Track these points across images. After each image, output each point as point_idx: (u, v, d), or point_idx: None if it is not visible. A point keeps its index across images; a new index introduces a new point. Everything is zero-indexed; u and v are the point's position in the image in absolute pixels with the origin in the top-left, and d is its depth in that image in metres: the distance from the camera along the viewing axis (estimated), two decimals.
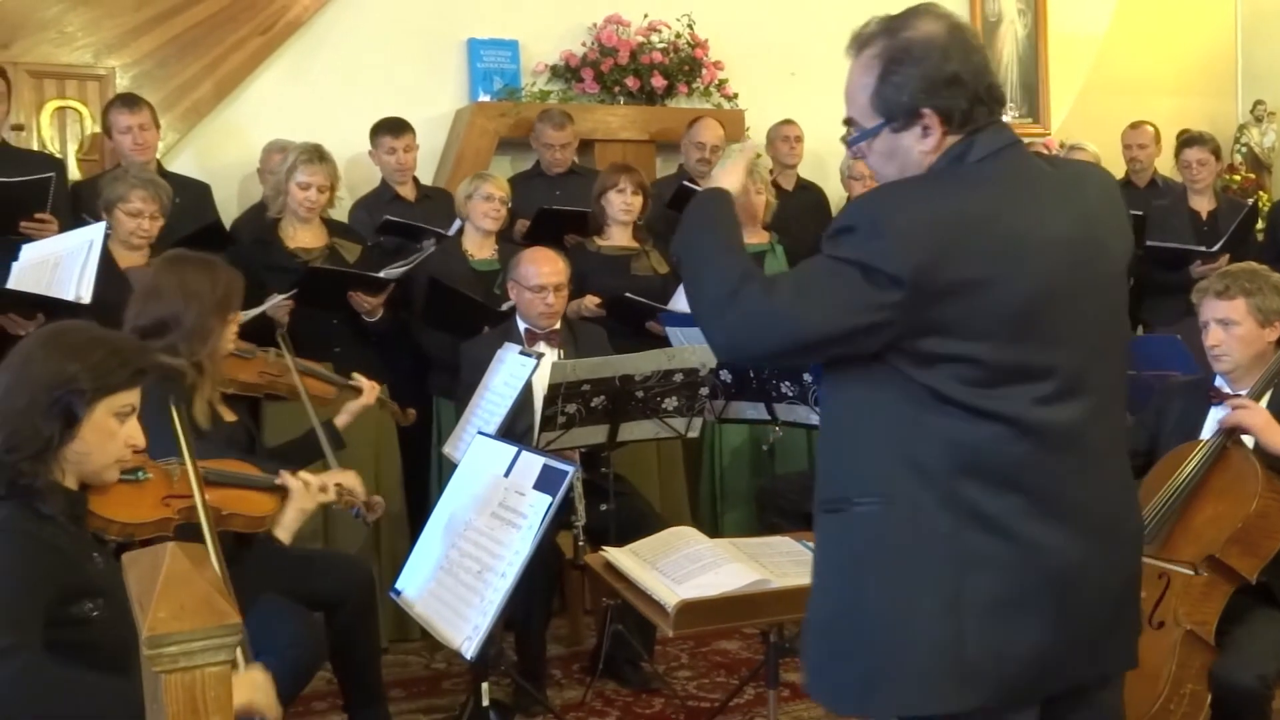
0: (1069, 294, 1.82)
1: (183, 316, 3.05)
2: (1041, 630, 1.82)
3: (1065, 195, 1.88)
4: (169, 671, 1.32)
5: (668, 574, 2.78)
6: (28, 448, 2.13)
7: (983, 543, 1.80)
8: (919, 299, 1.74)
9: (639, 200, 4.76)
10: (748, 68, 6.26)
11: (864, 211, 1.85)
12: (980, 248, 1.77)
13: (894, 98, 1.87)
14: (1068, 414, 1.82)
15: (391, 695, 3.78)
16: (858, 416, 1.88)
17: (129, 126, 4.56)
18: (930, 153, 1.87)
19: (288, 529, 2.74)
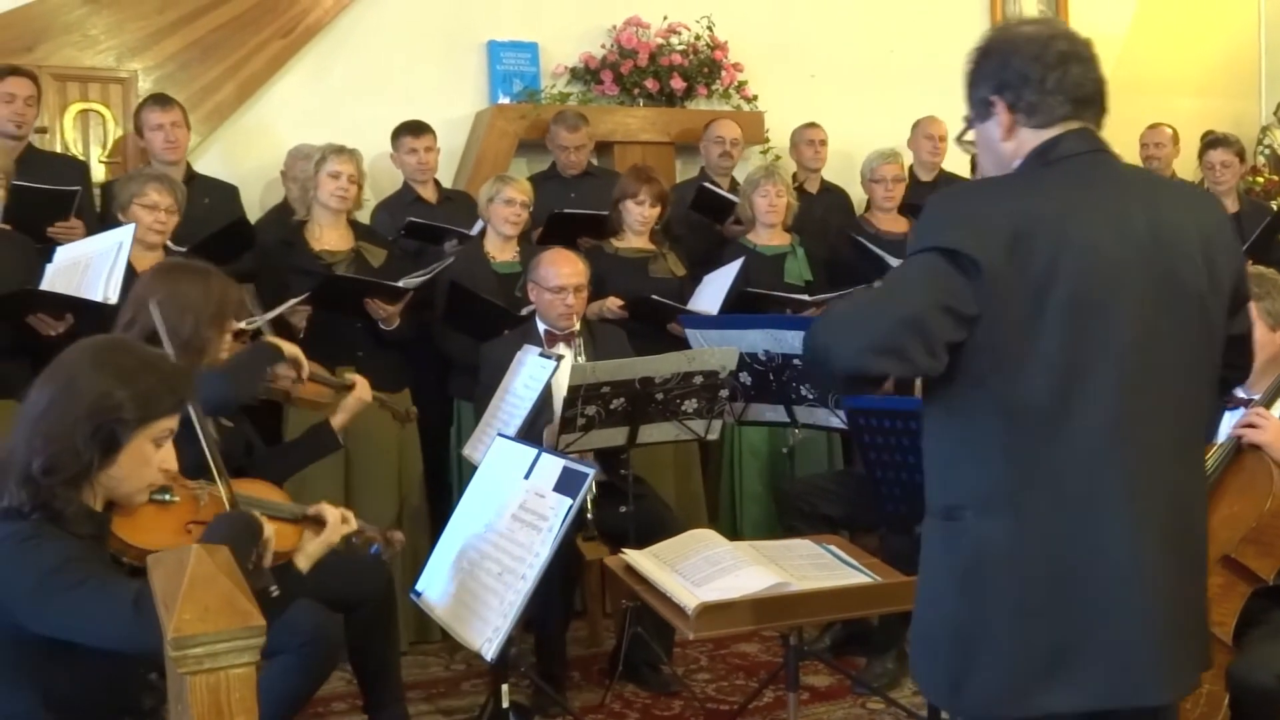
0: (1135, 293, 1.88)
1: (179, 327, 2.96)
2: (1125, 646, 1.88)
3: (1143, 198, 1.96)
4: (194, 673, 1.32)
5: (687, 576, 2.78)
6: (66, 471, 2.09)
7: (1054, 547, 1.86)
8: (996, 289, 1.82)
9: (656, 212, 4.76)
10: (767, 70, 6.26)
11: (945, 203, 1.98)
12: (1049, 246, 1.84)
13: (974, 92, 2.03)
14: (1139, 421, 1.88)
15: (411, 696, 3.79)
16: (943, 426, 1.98)
17: (161, 124, 4.61)
18: (1006, 140, 1.99)
19: (310, 558, 2.65)
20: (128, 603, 1.92)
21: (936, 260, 1.86)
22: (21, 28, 4.95)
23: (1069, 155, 1.96)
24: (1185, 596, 1.96)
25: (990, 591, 1.89)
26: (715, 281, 4.67)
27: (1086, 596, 1.87)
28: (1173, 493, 1.94)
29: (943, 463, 1.99)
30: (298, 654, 2.91)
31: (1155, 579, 1.90)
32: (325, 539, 2.67)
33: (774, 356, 4.01)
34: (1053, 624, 1.87)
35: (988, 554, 1.89)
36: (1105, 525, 1.87)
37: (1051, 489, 1.87)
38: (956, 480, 1.95)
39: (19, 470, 2.08)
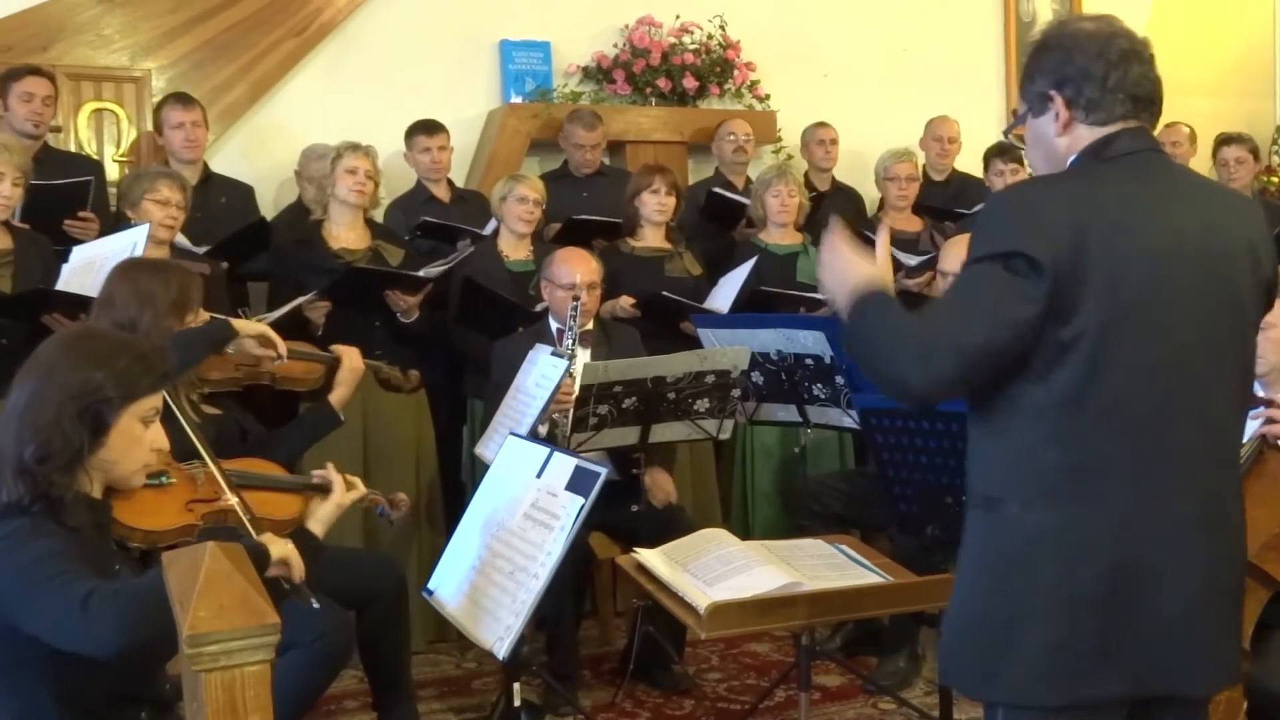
0: (1188, 292, 1.89)
1: (139, 321, 3.03)
2: (1155, 635, 1.89)
3: (1196, 199, 1.98)
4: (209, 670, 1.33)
5: (699, 576, 2.78)
6: (59, 457, 2.10)
7: (1092, 539, 1.88)
8: (1059, 286, 1.82)
9: (672, 201, 4.76)
10: (780, 69, 6.25)
11: (1002, 205, 1.98)
12: (1108, 238, 1.85)
13: (1031, 85, 2.03)
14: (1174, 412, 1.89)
15: (422, 695, 3.80)
16: (988, 418, 1.97)
17: (181, 123, 4.64)
18: (1062, 135, 1.99)
19: (322, 522, 2.68)
20: (75, 603, 1.91)
21: (1000, 272, 1.85)
22: (36, 27, 4.97)
23: (1125, 153, 1.96)
24: (1224, 589, 1.98)
25: (1033, 580, 1.90)
26: (729, 282, 4.68)
27: (1129, 587, 1.89)
28: (1213, 490, 1.96)
29: (986, 453, 1.99)
30: (309, 651, 2.92)
31: (1196, 572, 1.92)
32: (335, 500, 2.70)
33: (786, 356, 4.01)
34: (1094, 613, 1.89)
35: (1032, 543, 1.90)
36: (1148, 518, 1.89)
37: (1096, 481, 1.89)
38: (1000, 471, 1.96)
39: (13, 463, 2.09)
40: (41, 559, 1.99)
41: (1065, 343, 1.85)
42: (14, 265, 3.75)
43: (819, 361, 3.94)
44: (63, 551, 2.03)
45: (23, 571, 1.99)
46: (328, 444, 3.60)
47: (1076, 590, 1.88)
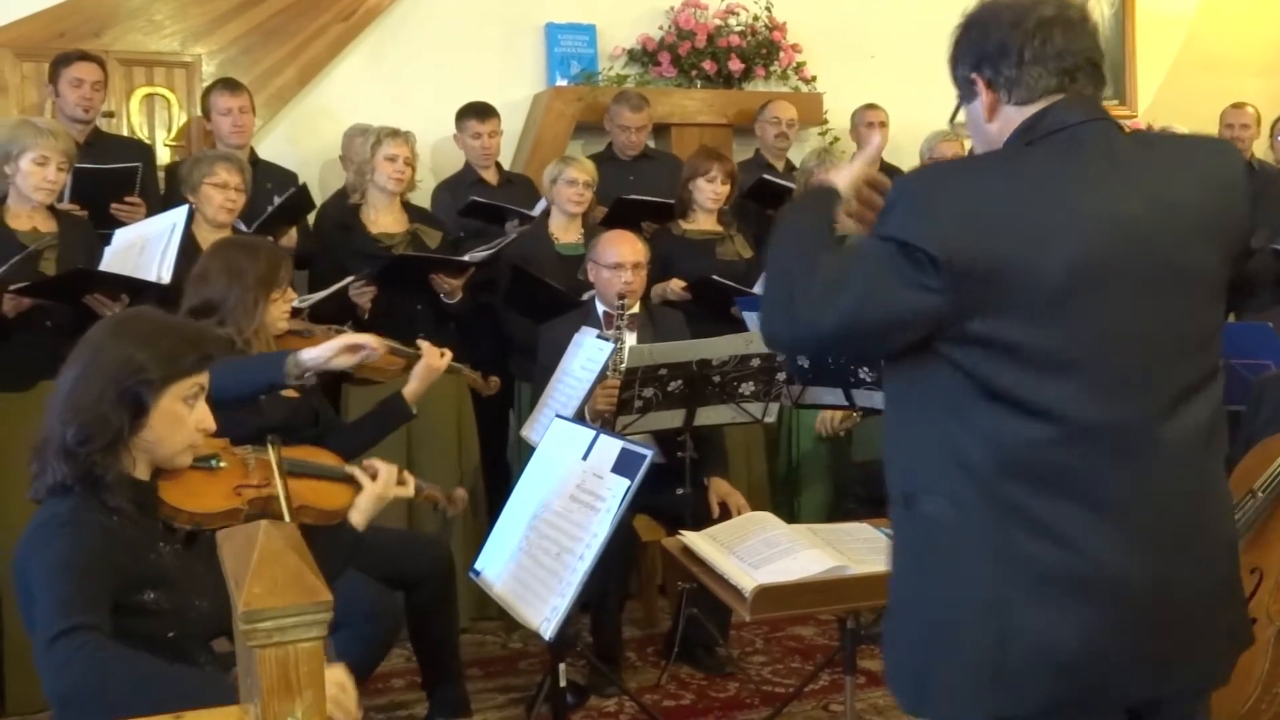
0: (1123, 280, 1.71)
1: (227, 296, 3.12)
2: (1088, 641, 1.71)
3: (1140, 178, 1.77)
4: (263, 646, 1.35)
5: (745, 559, 2.78)
6: (99, 439, 2.12)
7: (1027, 545, 1.71)
8: (957, 280, 1.68)
9: (727, 189, 4.76)
10: (826, 50, 6.21)
11: (906, 188, 1.78)
12: (1019, 227, 1.70)
13: (955, 71, 1.90)
14: (1124, 413, 1.72)
15: (469, 674, 3.82)
16: (913, 408, 1.83)
17: (229, 109, 4.68)
18: (991, 121, 1.85)
19: (362, 513, 2.66)
20: (48, 635, 1.93)
21: (897, 256, 1.70)
22: (89, 13, 5.03)
23: (1054, 130, 1.78)
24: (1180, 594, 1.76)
25: (962, 587, 1.75)
26: None
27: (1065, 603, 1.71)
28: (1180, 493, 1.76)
29: (902, 446, 1.85)
30: (359, 630, 2.96)
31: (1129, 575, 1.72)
32: (373, 492, 2.66)
33: None
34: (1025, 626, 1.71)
35: (959, 546, 1.74)
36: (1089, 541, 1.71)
37: (1021, 481, 1.71)
38: (927, 464, 1.79)
39: (56, 445, 2.13)
40: (56, 567, 2.01)
41: (978, 337, 1.70)
42: (58, 248, 3.80)
43: None
44: (80, 564, 2.03)
45: (39, 571, 2.03)
46: None
47: (1007, 597, 1.71)
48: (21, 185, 3.73)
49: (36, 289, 3.65)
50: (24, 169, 3.70)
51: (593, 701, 3.80)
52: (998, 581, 1.72)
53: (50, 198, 3.80)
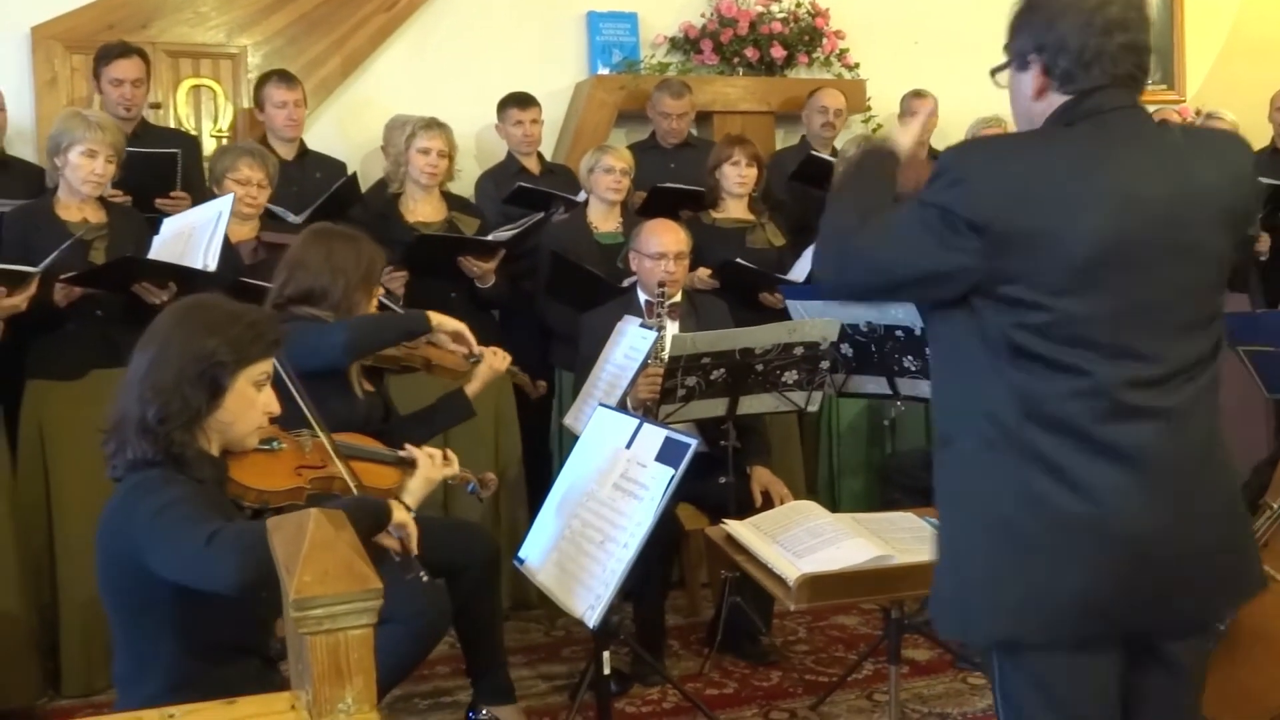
0: (1147, 253, 1.87)
1: (330, 290, 3.15)
2: (1095, 576, 1.87)
3: (1168, 162, 1.92)
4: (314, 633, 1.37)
5: (789, 547, 2.78)
6: (178, 418, 2.22)
7: (1045, 487, 1.86)
8: (994, 246, 1.85)
9: (753, 172, 4.74)
10: (869, 37, 6.17)
11: (952, 159, 1.94)
12: (1052, 199, 1.85)
13: (1015, 42, 2.00)
14: (1141, 375, 1.87)
15: (512, 661, 3.85)
16: (952, 359, 2.00)
17: (284, 102, 4.72)
18: (1035, 100, 1.98)
19: (414, 495, 2.77)
20: (201, 538, 2.02)
21: (936, 221, 1.88)
22: (137, 6, 5.08)
23: (1093, 113, 1.92)
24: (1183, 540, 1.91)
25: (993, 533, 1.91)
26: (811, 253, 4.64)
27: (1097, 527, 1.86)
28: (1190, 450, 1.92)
29: (948, 396, 2.02)
30: (407, 625, 2.98)
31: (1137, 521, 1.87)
32: (424, 474, 2.80)
33: (876, 328, 3.98)
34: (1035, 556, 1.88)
35: (987, 479, 1.92)
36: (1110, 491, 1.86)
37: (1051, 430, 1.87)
38: (962, 410, 1.97)
39: (135, 423, 2.22)
40: (172, 503, 2.12)
41: (1010, 298, 1.87)
42: (108, 238, 3.85)
43: (909, 333, 3.90)
44: (191, 497, 2.15)
45: (154, 514, 2.11)
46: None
47: (1019, 529, 1.88)
48: (70, 178, 3.77)
49: (86, 278, 3.70)
50: (73, 161, 3.74)
51: (636, 690, 3.82)
52: (1017, 518, 1.88)
53: (99, 190, 3.84)
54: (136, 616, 2.22)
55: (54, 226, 3.75)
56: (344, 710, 1.40)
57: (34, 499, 3.81)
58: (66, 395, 3.80)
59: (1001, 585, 1.90)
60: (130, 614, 2.23)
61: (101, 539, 2.23)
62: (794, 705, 3.73)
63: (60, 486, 3.81)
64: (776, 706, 3.72)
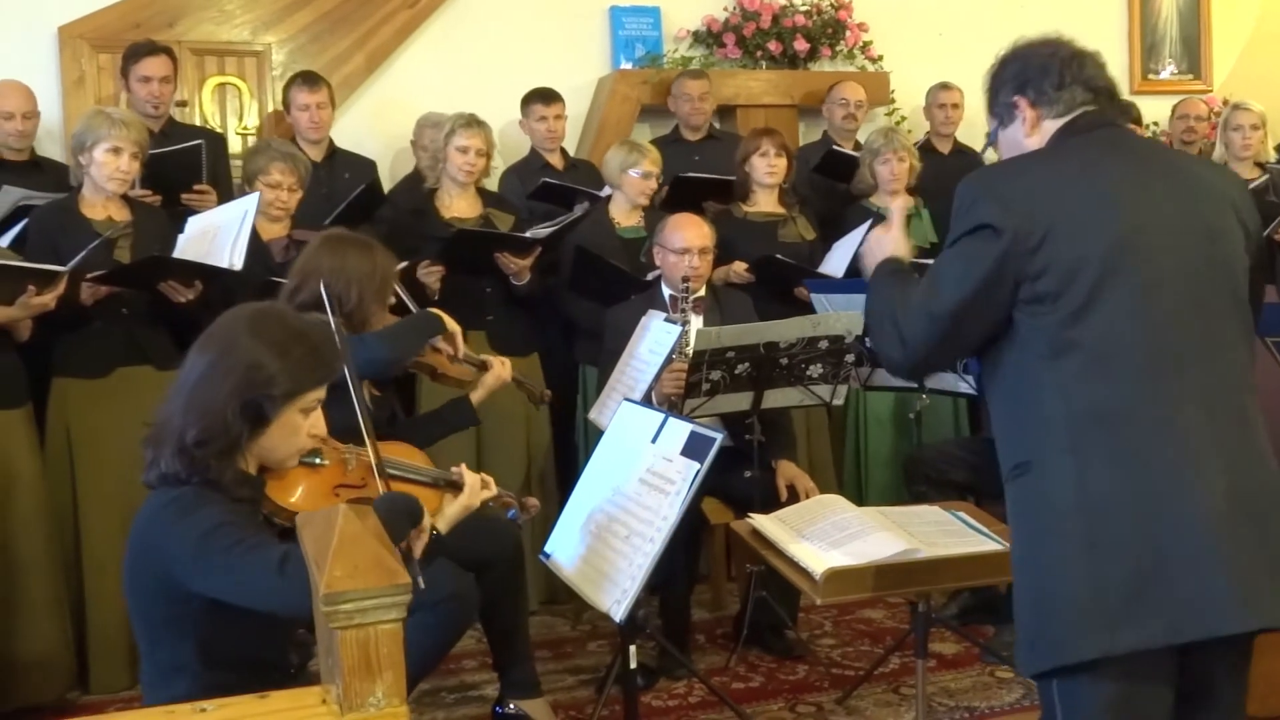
0: (1165, 235, 1.98)
1: (345, 298, 3.10)
2: (1176, 571, 1.90)
3: (1172, 168, 2.10)
4: (344, 628, 1.38)
5: (815, 541, 2.77)
6: (217, 444, 2.16)
7: (1104, 485, 1.92)
8: (1021, 241, 1.94)
9: (782, 162, 4.72)
10: (893, 29, 6.15)
11: (969, 187, 2.06)
12: (1074, 193, 1.97)
13: (996, 100, 2.20)
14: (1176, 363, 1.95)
15: (539, 655, 3.86)
16: (1001, 380, 2.07)
17: (307, 105, 4.74)
18: (1031, 135, 2.13)
19: (449, 521, 2.69)
20: (274, 564, 1.97)
21: (966, 244, 2.00)
22: (162, 5, 5.12)
23: (1092, 127, 2.09)
24: (1257, 517, 1.96)
25: (1060, 538, 1.95)
26: (843, 246, 4.63)
27: (1155, 532, 1.91)
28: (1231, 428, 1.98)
29: (1003, 423, 2.08)
30: (434, 613, 2.99)
31: (1222, 509, 1.92)
32: (463, 502, 2.71)
33: None
34: (1121, 561, 1.91)
35: (1055, 501, 1.95)
36: (1166, 463, 1.93)
37: (1102, 430, 1.93)
38: (1017, 435, 2.04)
39: (174, 440, 2.16)
40: (220, 525, 2.07)
41: (1041, 295, 1.95)
42: (133, 236, 3.86)
43: None
44: (234, 519, 2.10)
45: (200, 537, 2.06)
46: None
47: (1101, 540, 1.91)
48: (96, 175, 3.79)
49: (112, 277, 3.72)
50: (98, 159, 3.76)
51: (662, 684, 3.82)
52: (1083, 531, 1.92)
53: (123, 187, 3.85)
54: (160, 628, 2.19)
55: (79, 225, 3.78)
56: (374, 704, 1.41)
57: (61, 496, 3.84)
58: (92, 393, 3.83)
59: (1087, 607, 1.92)
60: (155, 625, 2.20)
61: (133, 550, 2.18)
62: (820, 699, 3.72)
63: (87, 483, 3.85)
64: (803, 700, 3.72)
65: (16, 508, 3.67)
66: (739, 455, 3.90)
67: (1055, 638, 1.96)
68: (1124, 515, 1.91)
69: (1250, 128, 5.32)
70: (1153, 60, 6.84)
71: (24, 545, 3.68)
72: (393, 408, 3.43)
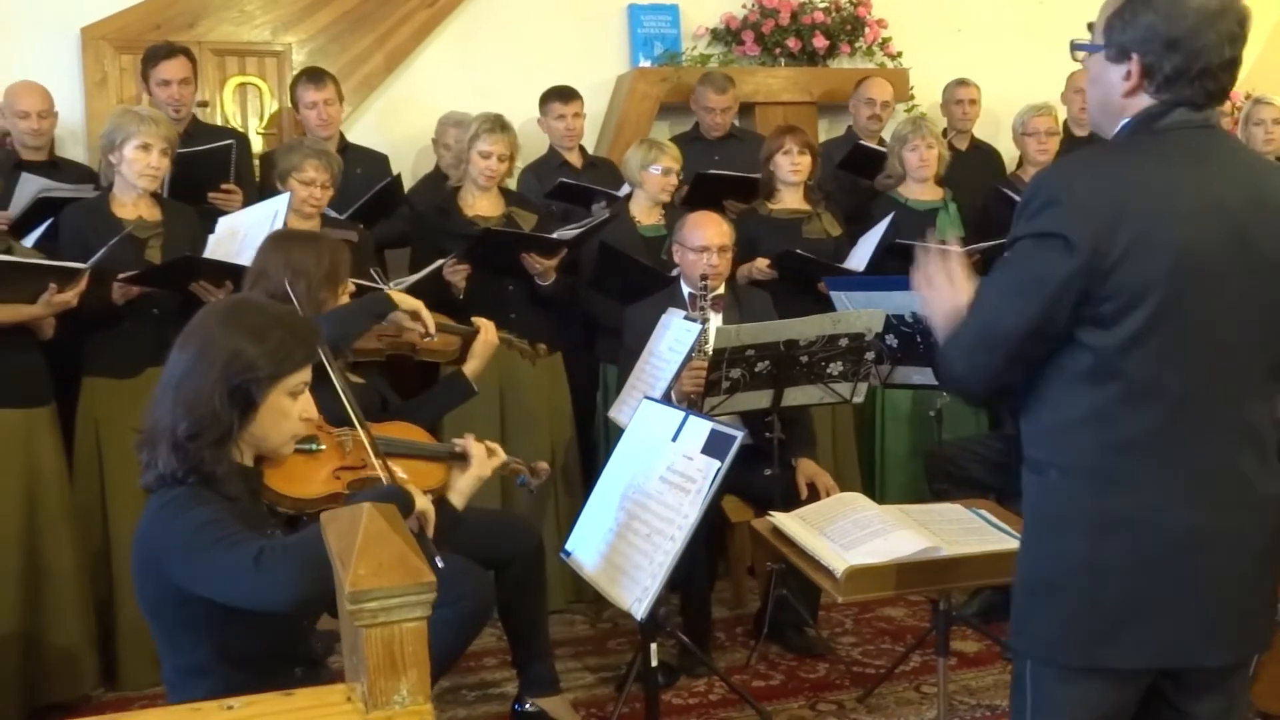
0: (1227, 266, 1.87)
1: (293, 292, 3.08)
2: (1176, 600, 1.90)
3: (1240, 174, 1.93)
4: (369, 626, 1.38)
5: (836, 539, 2.77)
6: (209, 435, 2.16)
7: (1118, 510, 1.89)
8: (1095, 260, 1.83)
9: (806, 160, 4.71)
10: (912, 25, 6.13)
11: (1044, 183, 1.93)
12: (1146, 207, 1.84)
13: (1114, 31, 1.94)
14: (1218, 393, 1.89)
15: (559, 653, 3.87)
16: (1037, 385, 1.98)
17: (314, 102, 4.75)
18: (1125, 96, 1.94)
19: (462, 494, 2.75)
20: (249, 560, 1.98)
21: (1034, 251, 1.88)
22: (183, 6, 5.15)
23: (1175, 127, 1.92)
24: (1256, 560, 1.95)
25: (1064, 545, 1.94)
26: (866, 241, 4.62)
27: (1157, 561, 1.89)
28: (1245, 471, 1.92)
29: (1033, 418, 2.01)
30: (453, 609, 3.00)
31: (1225, 548, 1.91)
32: (474, 473, 2.75)
33: (921, 318, 3.95)
34: (1120, 583, 1.90)
35: (1066, 510, 1.94)
36: (1179, 497, 1.89)
37: (1129, 460, 1.89)
38: (1044, 437, 1.98)
39: (166, 438, 2.17)
40: (205, 524, 2.07)
41: (1100, 318, 1.86)
42: (163, 236, 3.89)
43: None
44: (223, 517, 2.10)
45: (187, 537, 2.07)
46: (467, 409, 3.70)
47: (1103, 560, 1.90)
48: (126, 173, 3.82)
49: (144, 277, 3.74)
50: (128, 156, 3.79)
51: (683, 681, 3.83)
52: (1094, 548, 1.90)
53: (154, 184, 3.88)
54: (174, 632, 2.20)
55: (110, 224, 3.80)
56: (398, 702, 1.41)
57: (90, 495, 3.88)
58: (122, 392, 3.85)
59: (1082, 615, 1.93)
60: (169, 630, 2.21)
61: (136, 556, 2.18)
62: (841, 697, 3.72)
63: (115, 483, 3.87)
64: (824, 698, 3.72)
65: (42, 505, 3.70)
66: (759, 453, 3.90)
67: (1042, 635, 1.98)
68: (1129, 544, 1.89)
69: (1272, 122, 5.29)
70: None
71: (49, 543, 3.71)
72: (382, 395, 3.43)
